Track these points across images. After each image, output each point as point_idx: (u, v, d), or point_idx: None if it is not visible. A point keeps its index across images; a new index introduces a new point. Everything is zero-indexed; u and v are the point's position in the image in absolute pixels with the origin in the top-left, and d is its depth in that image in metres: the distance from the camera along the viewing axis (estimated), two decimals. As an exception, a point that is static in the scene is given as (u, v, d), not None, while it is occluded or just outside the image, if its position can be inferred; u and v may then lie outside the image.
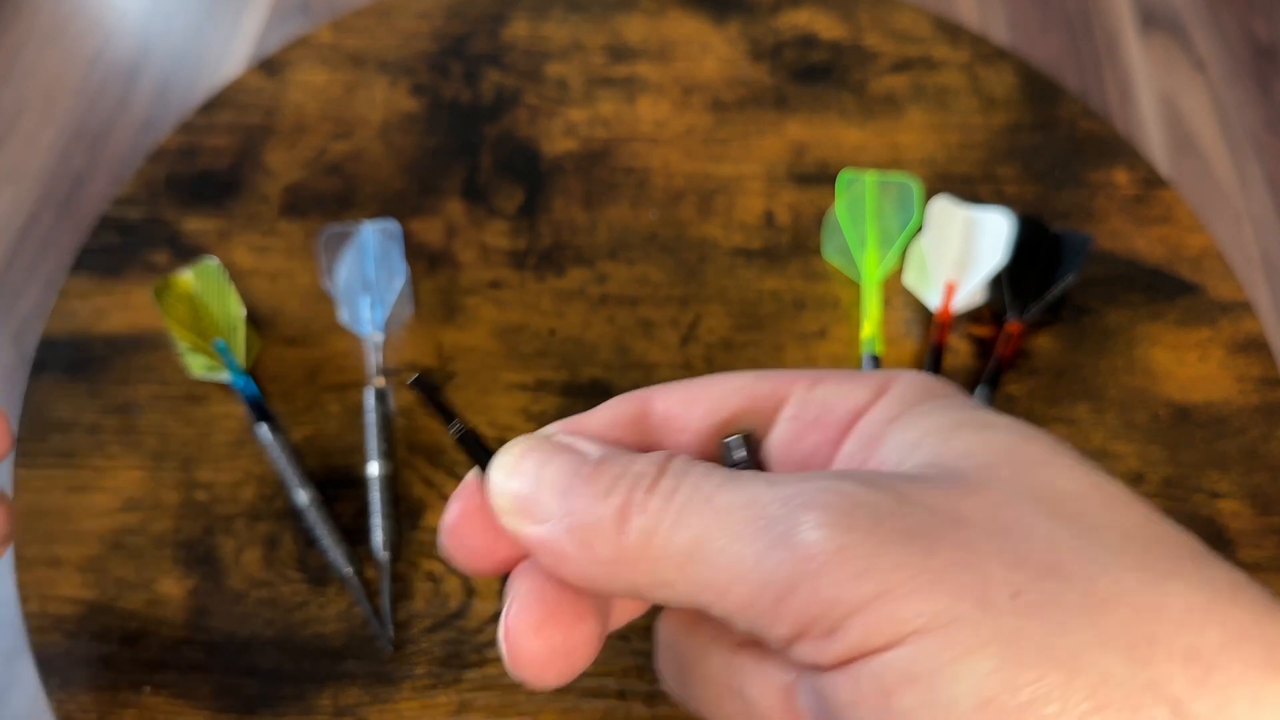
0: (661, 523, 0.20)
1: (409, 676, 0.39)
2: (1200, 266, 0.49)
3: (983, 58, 0.57)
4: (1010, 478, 0.19)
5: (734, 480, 0.20)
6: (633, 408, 0.24)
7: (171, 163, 0.53)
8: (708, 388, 0.24)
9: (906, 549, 0.18)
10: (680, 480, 0.20)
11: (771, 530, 0.18)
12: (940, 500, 0.19)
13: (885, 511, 0.18)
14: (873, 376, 0.23)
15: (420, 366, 0.46)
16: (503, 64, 0.57)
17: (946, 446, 0.20)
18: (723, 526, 0.19)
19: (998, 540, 0.18)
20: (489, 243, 0.50)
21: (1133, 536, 0.19)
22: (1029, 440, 0.20)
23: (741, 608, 0.19)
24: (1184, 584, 0.18)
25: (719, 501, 0.19)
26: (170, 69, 0.59)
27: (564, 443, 0.22)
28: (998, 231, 0.47)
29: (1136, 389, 0.46)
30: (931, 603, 0.17)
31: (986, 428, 0.21)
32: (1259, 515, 0.42)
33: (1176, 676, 0.17)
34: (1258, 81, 0.59)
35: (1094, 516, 0.19)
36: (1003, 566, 0.18)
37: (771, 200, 0.52)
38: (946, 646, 0.17)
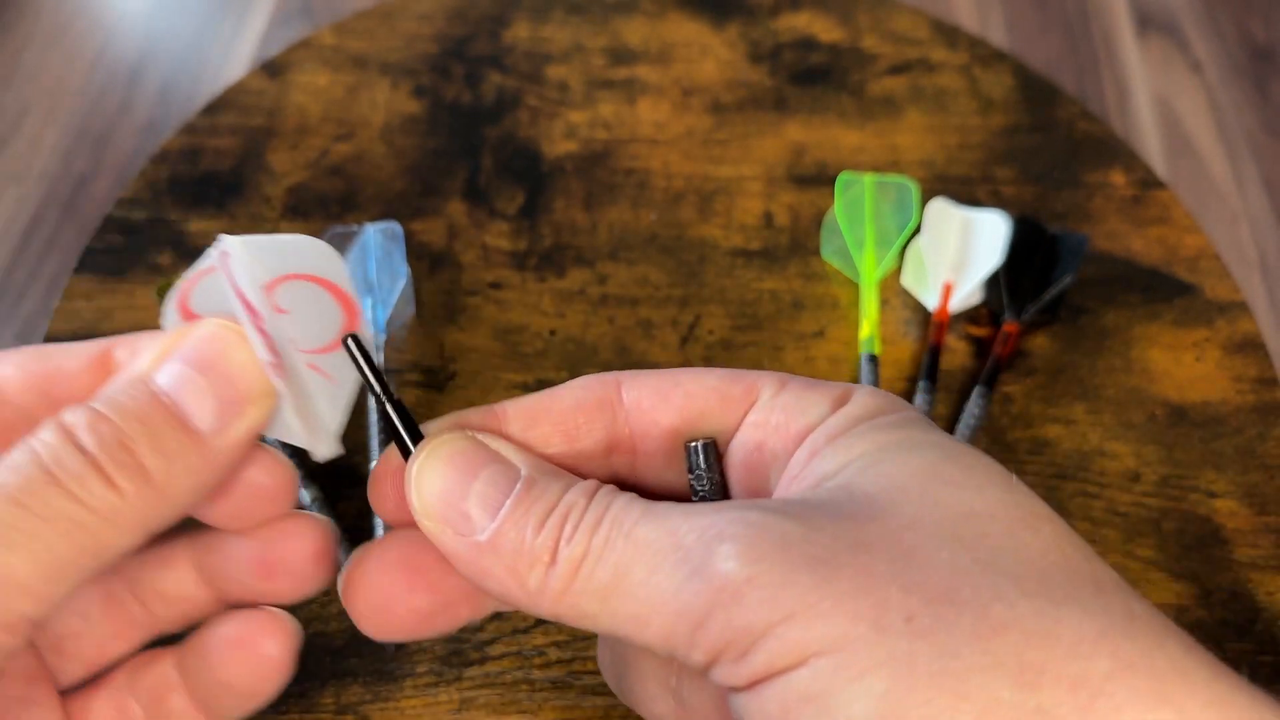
0: (586, 558, 0.20)
1: (410, 674, 0.39)
2: (1197, 267, 0.50)
3: (980, 60, 0.58)
4: (919, 500, 0.20)
5: (653, 514, 0.20)
6: (601, 391, 0.24)
7: (174, 164, 0.53)
8: (681, 383, 0.24)
9: (811, 575, 0.18)
10: (604, 513, 0.20)
11: (688, 563, 0.19)
12: (845, 527, 0.19)
13: (793, 539, 0.19)
14: (832, 389, 0.23)
15: (423, 367, 0.46)
16: (504, 66, 0.58)
17: (868, 471, 0.21)
18: (642, 560, 0.20)
19: (897, 565, 0.18)
20: (490, 244, 0.51)
21: (1032, 563, 0.19)
22: (949, 459, 0.21)
23: (662, 638, 0.20)
24: (1079, 612, 0.18)
25: (638, 535, 0.20)
26: (173, 71, 0.60)
27: (492, 449, 0.22)
28: (995, 232, 0.47)
29: (1133, 389, 0.46)
30: (830, 626, 0.18)
31: (911, 449, 0.21)
32: (1255, 514, 0.42)
33: (1063, 702, 0.17)
34: (1255, 83, 0.59)
35: (997, 539, 0.19)
36: (899, 591, 0.18)
37: (770, 201, 0.52)
38: (842, 668, 0.18)
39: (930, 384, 0.45)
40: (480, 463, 0.22)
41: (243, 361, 0.22)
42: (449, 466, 0.22)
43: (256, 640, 0.24)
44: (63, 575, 0.19)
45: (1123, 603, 0.19)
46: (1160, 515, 0.42)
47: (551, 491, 0.21)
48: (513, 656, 0.39)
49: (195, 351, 0.22)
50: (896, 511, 0.19)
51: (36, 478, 0.19)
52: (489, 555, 0.21)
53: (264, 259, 0.22)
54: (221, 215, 0.51)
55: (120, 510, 0.20)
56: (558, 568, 0.20)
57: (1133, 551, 0.41)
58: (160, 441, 0.20)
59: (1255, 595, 0.40)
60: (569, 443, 0.24)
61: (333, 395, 0.24)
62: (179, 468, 0.21)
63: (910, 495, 0.20)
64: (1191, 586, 0.41)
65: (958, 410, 0.45)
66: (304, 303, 0.23)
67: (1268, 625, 0.40)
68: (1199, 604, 0.40)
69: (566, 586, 0.20)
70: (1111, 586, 0.19)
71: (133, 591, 0.25)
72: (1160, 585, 0.41)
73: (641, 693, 0.25)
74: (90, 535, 0.20)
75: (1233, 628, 0.40)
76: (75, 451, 0.20)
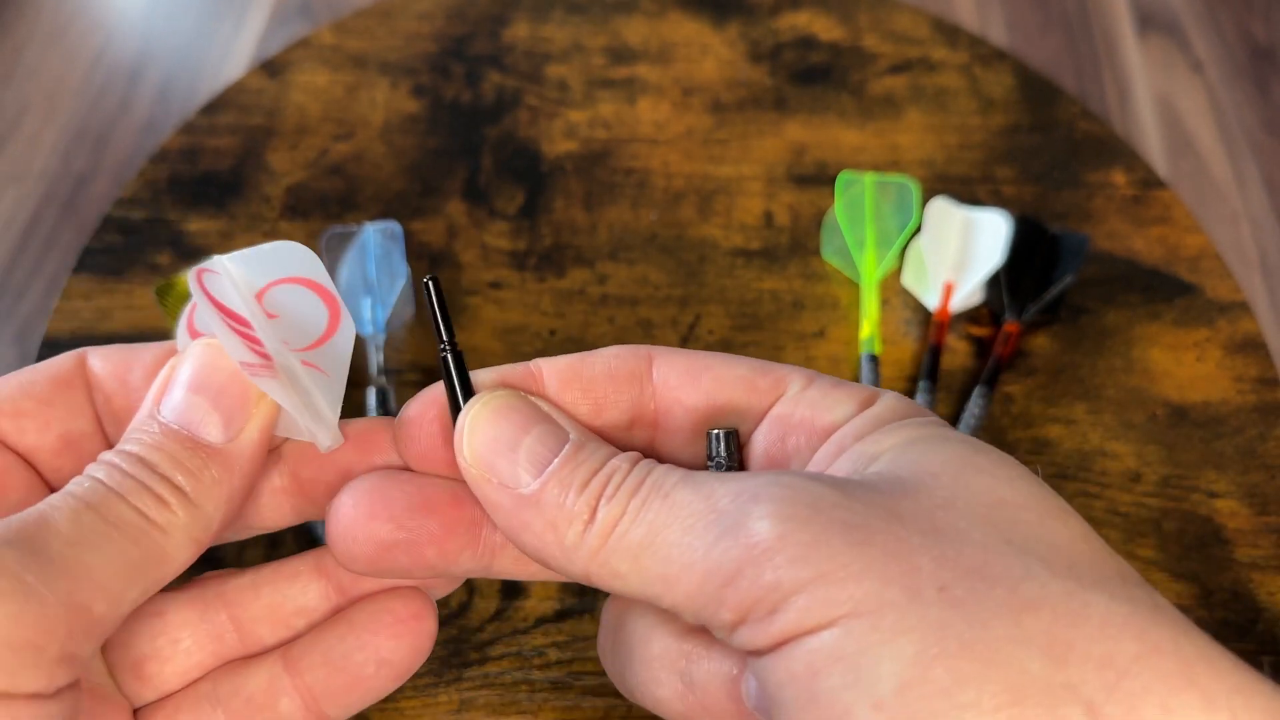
0: (624, 517, 0.21)
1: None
2: (1198, 267, 0.50)
3: (981, 59, 0.58)
4: (952, 484, 0.20)
5: (691, 479, 0.21)
6: (634, 363, 0.24)
7: (174, 163, 0.53)
8: (711, 367, 0.24)
9: (844, 538, 0.18)
10: (644, 479, 0.21)
11: (722, 523, 0.19)
12: (880, 499, 0.19)
13: (827, 503, 0.19)
14: (860, 390, 0.23)
15: (422, 366, 0.46)
16: (503, 65, 0.58)
17: (901, 458, 0.21)
18: (677, 521, 0.20)
19: (930, 538, 0.19)
20: (490, 243, 0.51)
21: (1061, 550, 0.19)
22: (978, 452, 0.21)
23: (689, 597, 0.20)
24: (1106, 597, 0.18)
25: (676, 497, 0.20)
26: (172, 70, 0.60)
27: (544, 411, 0.23)
28: (996, 232, 0.47)
29: (1134, 389, 0.46)
30: (863, 588, 0.18)
31: (943, 442, 0.21)
32: (1256, 514, 0.42)
33: (1091, 680, 0.17)
34: (1255, 82, 0.59)
35: (1028, 527, 0.19)
36: (932, 562, 0.18)
37: (771, 201, 0.52)
38: (873, 630, 0.18)
39: (931, 384, 0.45)
40: (532, 421, 0.23)
41: (231, 373, 0.23)
42: (504, 420, 0.23)
43: (409, 613, 0.26)
44: (132, 581, 0.21)
45: (1147, 595, 0.19)
46: (1161, 515, 0.42)
47: (597, 456, 0.22)
48: (512, 657, 0.39)
49: (189, 376, 0.23)
50: (930, 492, 0.20)
51: (107, 497, 0.21)
52: (531, 509, 0.22)
53: (250, 270, 0.23)
54: (221, 215, 0.51)
55: (173, 523, 0.22)
56: (595, 525, 0.21)
57: (1133, 551, 0.41)
58: (183, 463, 0.22)
59: (1256, 595, 0.40)
60: (596, 410, 0.24)
61: (327, 387, 0.25)
62: (207, 480, 0.22)
63: (943, 480, 0.20)
64: (1192, 586, 0.41)
65: (958, 410, 0.45)
66: (291, 305, 0.24)
67: (1269, 625, 0.40)
68: (1200, 604, 0.40)
69: (602, 544, 0.21)
70: (1135, 580, 0.19)
71: (232, 615, 0.27)
72: (1161, 585, 0.41)
73: (644, 676, 0.25)
74: (154, 544, 0.21)
75: (1234, 628, 0.40)
76: (126, 477, 0.22)
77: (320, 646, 0.26)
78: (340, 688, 0.26)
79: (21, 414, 0.24)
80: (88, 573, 0.20)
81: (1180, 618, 0.19)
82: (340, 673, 0.26)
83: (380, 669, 0.26)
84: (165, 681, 0.26)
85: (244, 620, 0.27)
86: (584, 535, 0.21)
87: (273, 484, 0.26)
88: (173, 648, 0.26)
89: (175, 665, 0.26)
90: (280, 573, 0.27)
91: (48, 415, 0.24)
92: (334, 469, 0.25)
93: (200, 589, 0.27)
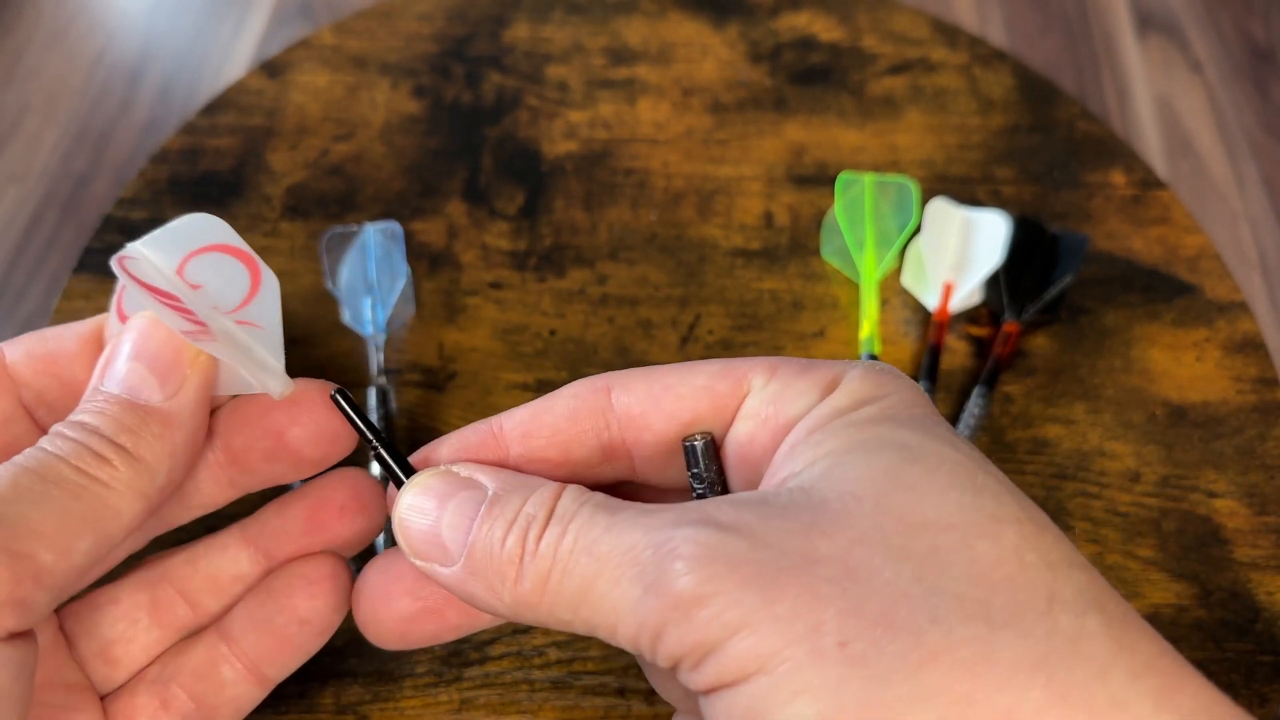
0: (553, 571, 0.21)
1: (410, 674, 0.39)
2: (1197, 267, 0.50)
3: (980, 59, 0.58)
4: (873, 510, 0.20)
5: (615, 527, 0.21)
6: (592, 399, 0.24)
7: (174, 164, 0.53)
8: (670, 386, 0.24)
9: (755, 594, 0.19)
10: (566, 526, 0.21)
11: (645, 577, 0.20)
12: (794, 542, 0.19)
13: (740, 558, 0.19)
14: (822, 374, 0.23)
15: (422, 366, 0.46)
16: (504, 66, 0.58)
17: (830, 474, 0.21)
18: (605, 574, 0.21)
19: (839, 585, 0.19)
20: (490, 243, 0.51)
21: (981, 578, 0.19)
22: (913, 461, 0.20)
23: (630, 641, 0.21)
24: (1017, 637, 0.18)
25: (600, 550, 0.21)
26: (173, 70, 0.60)
27: (464, 476, 0.23)
28: (995, 232, 0.47)
29: (1133, 389, 0.46)
30: (769, 646, 0.18)
31: (877, 450, 0.21)
32: (1255, 515, 0.42)
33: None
34: (1255, 83, 0.59)
35: (947, 552, 0.19)
36: (837, 615, 0.18)
37: (770, 201, 0.52)
38: (779, 687, 0.18)
39: (930, 384, 0.45)
40: (451, 492, 0.23)
41: (164, 338, 0.25)
42: (424, 502, 0.23)
43: (320, 575, 0.28)
44: (78, 533, 0.22)
45: (1074, 622, 0.18)
46: (1160, 515, 0.42)
47: (512, 504, 0.22)
48: (512, 657, 0.39)
49: (128, 347, 0.25)
50: (848, 522, 0.19)
51: (46, 459, 0.23)
52: (469, 579, 0.22)
53: (165, 249, 0.25)
54: (221, 215, 0.51)
55: (116, 477, 0.23)
56: (524, 583, 0.21)
57: (1133, 551, 0.41)
58: (125, 422, 0.24)
59: (1255, 595, 0.40)
60: (564, 453, 0.24)
61: (265, 340, 0.26)
62: (148, 436, 0.24)
63: (865, 504, 0.20)
64: (1191, 586, 0.41)
65: (958, 410, 0.45)
66: (211, 271, 0.26)
67: (1268, 625, 0.40)
68: (1199, 604, 0.40)
69: (539, 599, 0.21)
70: (1068, 600, 0.18)
71: (179, 589, 0.29)
72: (1160, 585, 0.41)
73: (658, 677, 0.26)
74: (95, 498, 0.23)
75: (1233, 628, 0.40)
76: (70, 441, 0.23)
77: (247, 614, 0.29)
78: (271, 649, 0.29)
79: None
80: (25, 522, 0.21)
81: (1107, 648, 0.18)
82: (268, 635, 0.28)
83: (302, 628, 0.28)
84: (133, 659, 0.29)
85: (190, 592, 0.29)
86: (516, 591, 0.21)
87: (207, 460, 0.27)
88: (134, 628, 0.28)
89: (139, 644, 0.28)
90: (212, 546, 0.29)
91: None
92: (265, 435, 0.27)
93: (146, 570, 0.29)
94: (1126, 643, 0.18)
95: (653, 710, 0.38)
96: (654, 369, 0.25)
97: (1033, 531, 0.19)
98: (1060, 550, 0.19)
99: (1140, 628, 0.19)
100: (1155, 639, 0.19)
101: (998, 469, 0.21)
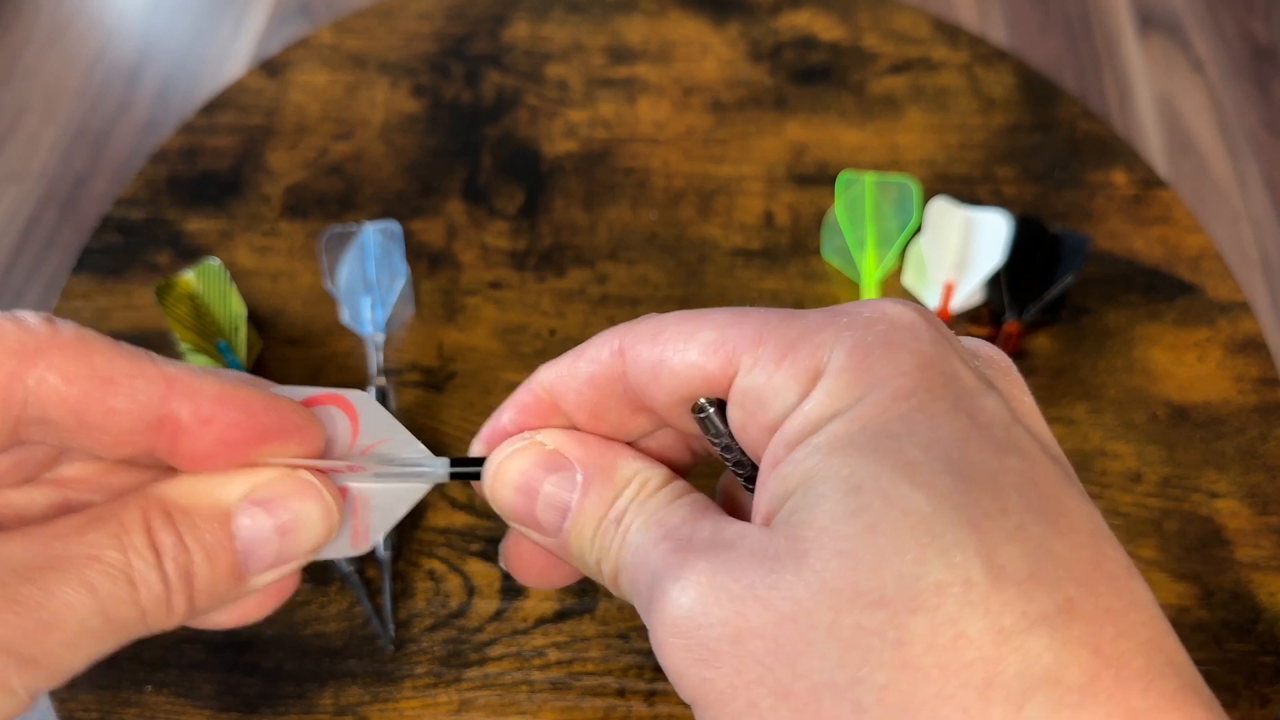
0: (617, 573, 0.23)
1: (410, 675, 0.39)
2: (1198, 267, 0.50)
3: (982, 59, 0.58)
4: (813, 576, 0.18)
5: (641, 549, 0.22)
6: (612, 363, 0.24)
7: (173, 163, 0.53)
8: (666, 360, 0.23)
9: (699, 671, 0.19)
10: (625, 537, 0.23)
11: (648, 590, 0.21)
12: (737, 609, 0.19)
13: (687, 626, 0.20)
14: (801, 370, 0.21)
15: (422, 366, 0.46)
16: (503, 65, 0.57)
17: (791, 519, 0.20)
18: (627, 572, 0.22)
19: (767, 665, 0.18)
20: (489, 243, 0.50)
21: (908, 665, 0.17)
22: (858, 513, 0.18)
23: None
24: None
25: (630, 571, 0.22)
26: (172, 70, 0.60)
27: (550, 450, 0.24)
28: (996, 232, 0.47)
29: (1135, 389, 0.46)
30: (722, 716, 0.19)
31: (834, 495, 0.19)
32: (1257, 515, 0.42)
33: None
34: (1256, 82, 0.59)
35: (874, 634, 0.17)
36: (769, 695, 0.18)
37: (771, 201, 0.52)
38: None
39: (931, 384, 0.45)
40: (543, 472, 0.24)
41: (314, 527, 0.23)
42: (518, 479, 0.24)
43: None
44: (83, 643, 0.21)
45: (1009, 714, 0.16)
46: (1162, 515, 0.42)
47: (601, 503, 0.23)
48: (512, 658, 0.39)
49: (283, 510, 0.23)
50: (787, 591, 0.19)
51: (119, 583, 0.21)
52: (563, 552, 0.24)
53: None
54: (220, 215, 0.51)
55: (160, 610, 0.22)
56: (604, 576, 0.23)
57: (1134, 552, 0.41)
58: (216, 586, 0.22)
59: (1257, 596, 0.40)
60: (597, 415, 0.25)
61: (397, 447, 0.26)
62: (217, 600, 0.23)
63: (803, 571, 0.19)
64: (1193, 587, 0.41)
65: (959, 410, 0.45)
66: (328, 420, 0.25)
67: (1269, 626, 0.40)
68: (1200, 604, 0.40)
69: (615, 588, 0.23)
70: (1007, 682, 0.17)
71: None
72: (1162, 586, 0.41)
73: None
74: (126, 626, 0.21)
75: (1234, 628, 0.40)
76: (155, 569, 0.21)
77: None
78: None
79: None
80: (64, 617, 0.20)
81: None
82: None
83: None
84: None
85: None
86: (599, 578, 0.24)
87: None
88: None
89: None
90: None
91: None
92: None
93: None
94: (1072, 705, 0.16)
95: (652, 711, 0.38)
96: (661, 327, 0.23)
97: (985, 593, 0.17)
98: (1023, 606, 0.17)
99: (1108, 691, 0.17)
100: (1126, 697, 0.17)
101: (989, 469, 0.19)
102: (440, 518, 0.42)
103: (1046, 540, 0.18)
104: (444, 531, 0.42)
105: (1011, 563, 0.17)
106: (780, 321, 0.22)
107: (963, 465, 0.19)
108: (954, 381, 0.20)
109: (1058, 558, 0.18)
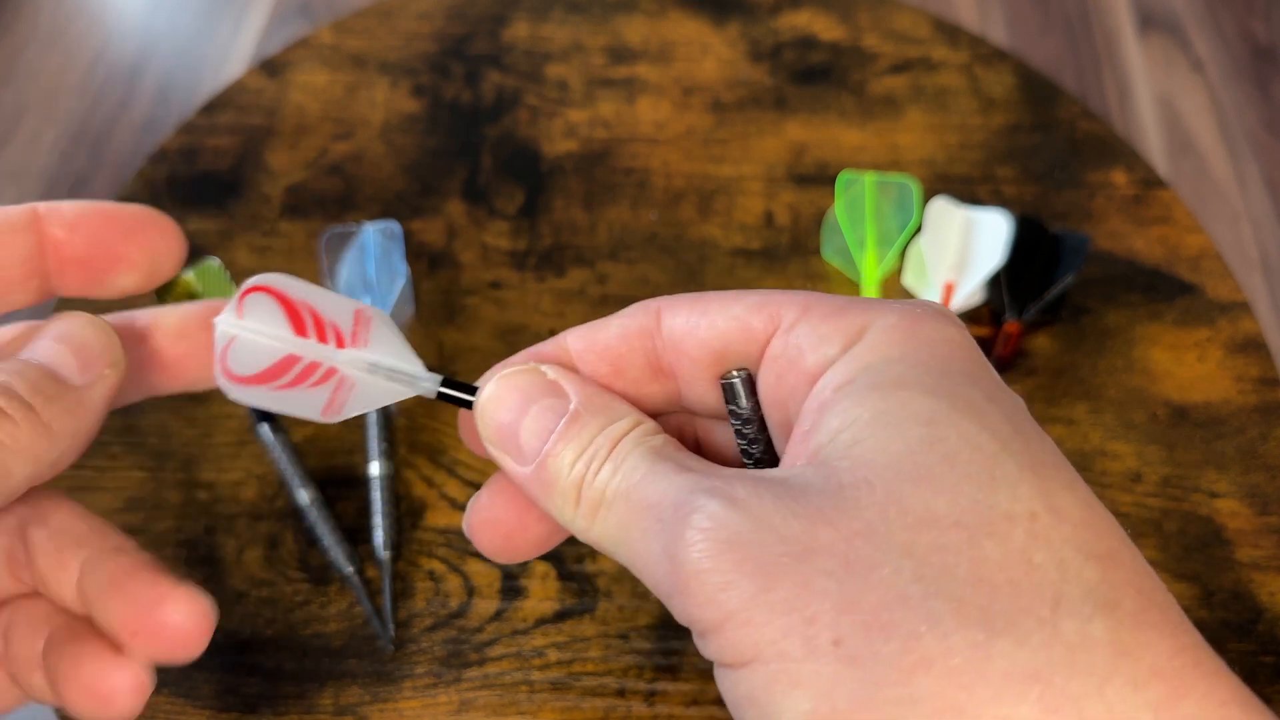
0: (600, 506, 0.22)
1: (410, 675, 0.39)
2: (1199, 267, 0.50)
3: (982, 59, 0.58)
4: (883, 500, 0.19)
5: (651, 476, 0.22)
6: (645, 319, 0.25)
7: (173, 163, 0.53)
8: (708, 313, 0.24)
9: (751, 581, 0.19)
10: (619, 465, 0.22)
11: (662, 536, 0.20)
12: (797, 528, 0.19)
13: (742, 540, 0.19)
14: (851, 320, 0.22)
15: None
16: (503, 65, 0.57)
17: (851, 450, 0.20)
18: (635, 521, 0.21)
19: (836, 579, 0.18)
20: (489, 243, 0.50)
21: (983, 581, 0.18)
22: (933, 443, 0.20)
23: (654, 588, 0.21)
24: (1014, 645, 0.17)
25: (635, 498, 0.21)
26: (171, 70, 0.60)
27: (550, 380, 0.24)
28: (996, 232, 0.47)
29: (1135, 389, 0.46)
30: (764, 634, 0.18)
31: (899, 425, 0.20)
32: (1257, 515, 0.42)
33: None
34: (1256, 82, 0.59)
35: (951, 552, 0.18)
36: (833, 609, 0.18)
37: (771, 201, 0.52)
38: (775, 678, 0.18)
39: (931, 384, 0.45)
40: (537, 394, 0.24)
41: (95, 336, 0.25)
42: (510, 396, 0.24)
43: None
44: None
45: (1077, 628, 0.18)
46: (1162, 516, 0.42)
47: (588, 430, 0.23)
48: (512, 658, 0.39)
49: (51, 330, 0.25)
50: (856, 512, 0.19)
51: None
52: (536, 484, 0.23)
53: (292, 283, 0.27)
54: (220, 215, 0.51)
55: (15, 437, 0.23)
56: (581, 507, 0.22)
57: (1134, 552, 0.41)
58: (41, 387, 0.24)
59: (1257, 596, 0.40)
60: (615, 370, 0.25)
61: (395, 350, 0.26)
62: (59, 408, 0.24)
63: (876, 493, 0.19)
64: (1193, 587, 0.41)
65: (959, 410, 0.45)
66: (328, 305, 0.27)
67: (1270, 626, 0.40)
68: (1201, 605, 0.40)
69: (588, 527, 0.22)
70: (1074, 603, 0.18)
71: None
72: (1162, 586, 0.41)
73: None
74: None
75: (1234, 629, 0.40)
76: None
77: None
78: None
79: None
80: None
81: (1108, 657, 0.17)
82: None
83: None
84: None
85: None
86: (574, 511, 0.22)
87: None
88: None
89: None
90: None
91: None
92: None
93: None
94: (1134, 647, 0.18)
95: (652, 711, 0.38)
96: (702, 295, 0.24)
97: (1048, 526, 0.19)
98: (1079, 542, 0.19)
99: (1156, 625, 0.18)
100: (1173, 635, 0.18)
101: (1036, 435, 0.21)
102: (440, 518, 0.42)
103: (1090, 499, 0.20)
104: (444, 531, 0.42)
105: (1067, 506, 0.19)
106: (823, 296, 0.23)
107: (1016, 421, 0.21)
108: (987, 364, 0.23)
109: (1102, 513, 0.20)
